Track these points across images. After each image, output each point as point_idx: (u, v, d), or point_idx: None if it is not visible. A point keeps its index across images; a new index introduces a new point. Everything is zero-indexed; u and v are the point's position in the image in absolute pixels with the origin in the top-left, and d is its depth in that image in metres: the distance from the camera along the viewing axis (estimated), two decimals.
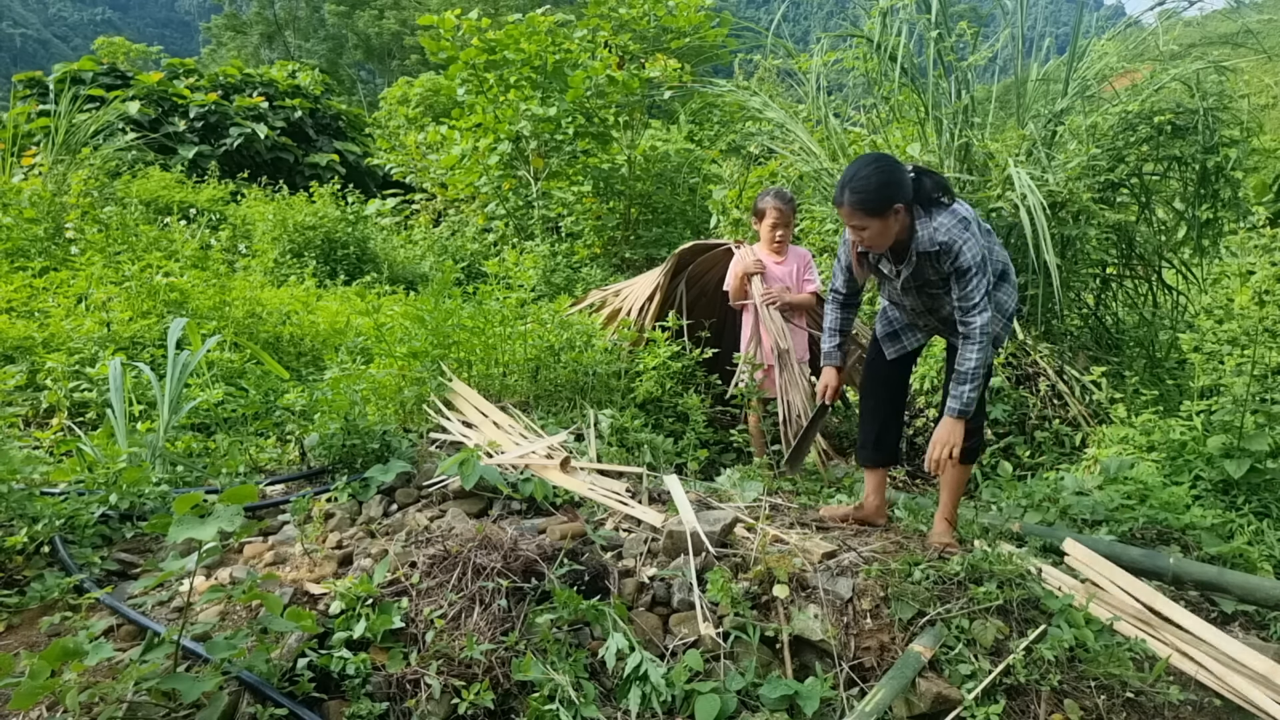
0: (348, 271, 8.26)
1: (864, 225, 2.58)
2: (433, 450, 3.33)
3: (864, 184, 2.53)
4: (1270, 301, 3.76)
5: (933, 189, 2.59)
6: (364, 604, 2.10)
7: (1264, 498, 3.23)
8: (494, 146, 8.93)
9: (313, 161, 13.23)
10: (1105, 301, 5.50)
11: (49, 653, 1.67)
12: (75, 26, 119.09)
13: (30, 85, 12.27)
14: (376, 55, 43.83)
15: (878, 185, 2.52)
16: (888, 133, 5.72)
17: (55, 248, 5.99)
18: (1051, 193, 4.51)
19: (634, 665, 2.01)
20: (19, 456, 2.71)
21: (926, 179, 2.59)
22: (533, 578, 2.21)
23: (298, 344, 5.16)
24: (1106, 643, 2.24)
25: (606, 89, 8.51)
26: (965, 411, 2.62)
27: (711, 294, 4.69)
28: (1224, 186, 4.66)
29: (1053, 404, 4.45)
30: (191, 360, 3.40)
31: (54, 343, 4.17)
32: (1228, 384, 3.48)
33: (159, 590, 2.30)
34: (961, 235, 2.54)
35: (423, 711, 1.91)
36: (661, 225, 9.18)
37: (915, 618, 2.21)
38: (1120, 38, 5.51)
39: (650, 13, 10.28)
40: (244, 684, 1.90)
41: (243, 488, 1.84)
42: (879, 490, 3.01)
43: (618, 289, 5.13)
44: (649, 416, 3.96)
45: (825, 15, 56.74)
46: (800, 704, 1.99)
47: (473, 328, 4.03)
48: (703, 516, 2.49)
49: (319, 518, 2.61)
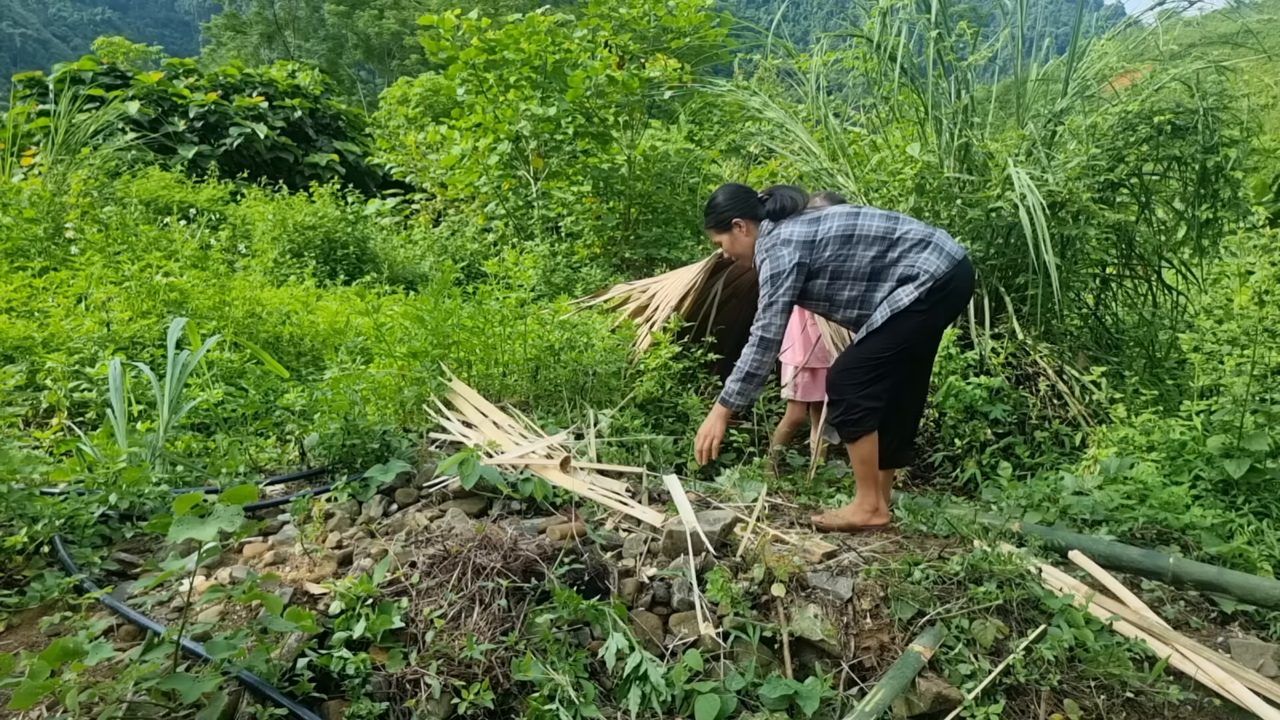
0: (347, 271, 8.26)
1: (717, 240, 3.14)
2: (433, 450, 3.33)
3: (710, 206, 3.10)
4: (1270, 301, 3.76)
5: (774, 204, 2.99)
6: (364, 604, 2.10)
7: (1264, 498, 3.22)
8: (494, 146, 8.93)
9: (312, 161, 13.24)
10: (1105, 301, 5.50)
11: (49, 653, 1.67)
12: (75, 26, 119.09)
13: (30, 85, 12.27)
14: (376, 55, 43.83)
15: (719, 207, 3.06)
16: (887, 132, 5.73)
17: (55, 248, 5.99)
18: (1051, 193, 4.51)
19: (634, 665, 2.01)
20: (19, 456, 2.71)
21: (770, 200, 3.00)
22: (533, 578, 2.21)
23: (297, 344, 5.16)
24: (1106, 643, 2.24)
25: (606, 89, 8.51)
26: (725, 400, 2.91)
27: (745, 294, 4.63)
28: (1224, 186, 4.67)
29: (1053, 404, 4.45)
30: (191, 360, 3.40)
31: (54, 343, 4.17)
32: (1227, 384, 3.48)
33: (159, 590, 2.30)
34: (765, 251, 2.91)
35: (423, 711, 1.91)
36: (661, 225, 9.18)
37: (915, 618, 2.21)
38: (1120, 38, 5.51)
39: (650, 13, 10.28)
40: (244, 684, 1.90)
41: (242, 488, 1.84)
42: (883, 491, 3.04)
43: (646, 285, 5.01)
44: (649, 416, 3.95)
45: (825, 15, 56.78)
46: (800, 704, 1.99)
47: (472, 328, 4.03)
48: (703, 516, 2.49)
49: (319, 518, 2.61)
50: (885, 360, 2.81)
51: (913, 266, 2.78)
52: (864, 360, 2.83)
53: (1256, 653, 2.35)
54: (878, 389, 2.82)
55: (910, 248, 2.80)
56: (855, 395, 2.81)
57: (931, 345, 3.05)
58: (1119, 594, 2.58)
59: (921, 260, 2.77)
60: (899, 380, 2.91)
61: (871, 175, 5.54)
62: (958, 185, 4.99)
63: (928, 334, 2.90)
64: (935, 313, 2.81)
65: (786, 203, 2.99)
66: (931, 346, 3.06)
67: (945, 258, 2.77)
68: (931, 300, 2.76)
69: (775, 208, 2.99)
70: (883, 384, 2.83)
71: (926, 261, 2.77)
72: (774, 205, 2.99)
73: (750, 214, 3.03)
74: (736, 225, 3.03)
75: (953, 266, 2.76)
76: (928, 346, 3.00)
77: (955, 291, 2.81)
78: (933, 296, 2.76)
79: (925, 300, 2.75)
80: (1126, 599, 2.55)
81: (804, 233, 2.88)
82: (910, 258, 2.79)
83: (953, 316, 2.99)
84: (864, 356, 2.83)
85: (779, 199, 3.00)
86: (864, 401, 2.81)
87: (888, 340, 2.80)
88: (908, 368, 2.93)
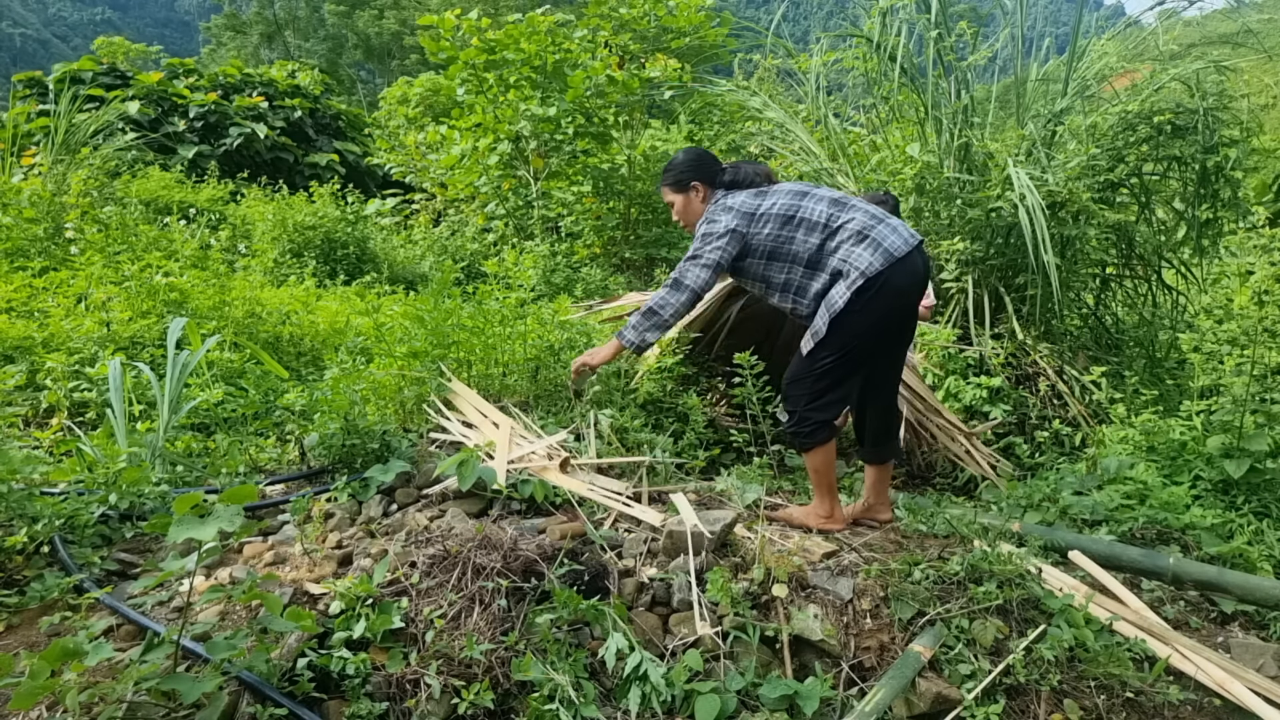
0: (347, 271, 8.26)
1: (670, 201, 3.09)
2: (433, 450, 3.33)
3: (670, 165, 3.06)
4: (1270, 301, 3.76)
5: (733, 175, 2.97)
6: (364, 604, 2.10)
7: (1264, 498, 3.22)
8: (494, 146, 8.94)
9: (312, 161, 13.24)
10: (1105, 301, 5.50)
11: (49, 653, 1.67)
12: (75, 26, 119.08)
13: (30, 85, 12.28)
14: (376, 55, 43.84)
15: (678, 165, 3.02)
16: (887, 132, 5.73)
17: (55, 248, 5.99)
18: (1051, 193, 4.51)
19: (634, 665, 2.01)
20: (19, 456, 2.71)
21: (729, 171, 2.99)
22: (532, 578, 2.21)
23: (297, 344, 5.15)
24: (1106, 643, 2.24)
25: (606, 89, 8.51)
26: (621, 334, 2.94)
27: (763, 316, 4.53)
28: (1224, 186, 4.67)
29: (1053, 404, 4.46)
30: (191, 360, 3.40)
31: (54, 343, 4.17)
32: (1227, 384, 3.48)
33: (159, 590, 2.30)
34: (707, 213, 2.91)
35: (422, 711, 1.91)
36: (661, 225, 9.19)
37: (915, 618, 2.21)
38: (1120, 38, 5.51)
39: (650, 13, 10.29)
40: (244, 684, 1.90)
41: (242, 488, 1.84)
42: (880, 490, 3.03)
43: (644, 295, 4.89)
44: (649, 417, 3.95)
45: (825, 15, 56.76)
46: (800, 704, 1.99)
47: (472, 328, 4.03)
48: (703, 516, 2.49)
49: (319, 518, 2.61)
50: (830, 368, 2.69)
51: (845, 261, 2.63)
52: (810, 370, 2.72)
53: (1256, 653, 2.35)
54: (829, 399, 2.71)
55: (847, 239, 2.65)
56: (805, 407, 2.72)
57: (885, 343, 2.80)
58: (1119, 594, 2.58)
59: (855, 256, 2.62)
60: (860, 382, 2.83)
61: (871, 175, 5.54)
62: (957, 185, 4.99)
63: (873, 335, 2.70)
64: (872, 313, 2.62)
65: (743, 177, 2.95)
66: (885, 344, 2.80)
67: (881, 254, 2.58)
68: (863, 300, 2.59)
69: (733, 178, 2.96)
70: (835, 393, 2.72)
71: (859, 258, 2.60)
72: (732, 176, 2.96)
73: (708, 180, 2.98)
74: (694, 189, 2.99)
75: (888, 264, 2.57)
76: (879, 345, 2.77)
77: (893, 291, 2.61)
78: (862, 297, 2.59)
79: (856, 301, 2.59)
80: (1126, 599, 2.56)
81: (748, 204, 2.83)
82: (845, 250, 2.65)
83: (900, 315, 2.77)
84: (810, 367, 2.72)
85: (738, 170, 2.97)
86: (815, 414, 2.71)
87: (830, 347, 2.67)
88: (866, 368, 2.79)
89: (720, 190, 2.97)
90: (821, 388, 2.71)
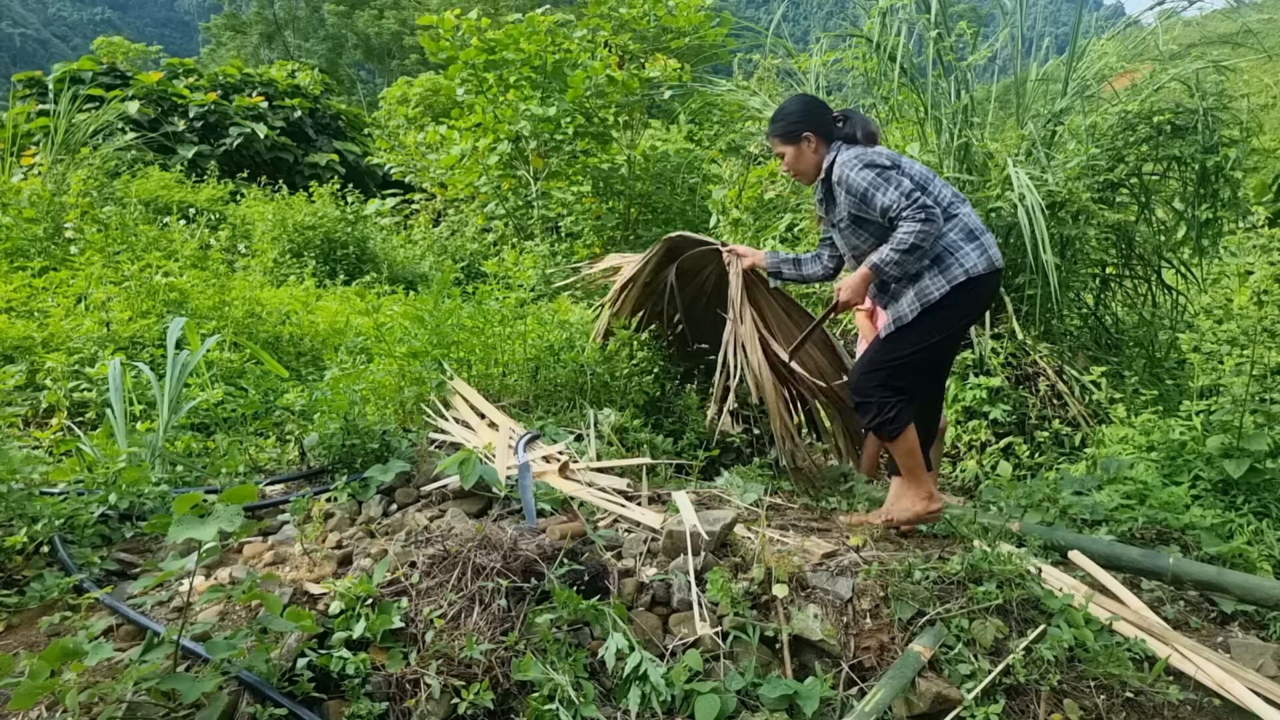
0: (347, 271, 8.26)
1: (781, 152, 2.89)
2: (432, 450, 3.33)
3: (781, 114, 2.87)
4: (1269, 301, 3.76)
5: (849, 129, 2.81)
6: (364, 604, 2.10)
7: (1263, 498, 3.23)
8: (494, 146, 8.94)
9: (312, 161, 13.23)
10: (1105, 301, 5.51)
11: (48, 653, 1.67)
12: (75, 26, 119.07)
13: (30, 85, 12.27)
14: (376, 55, 43.83)
15: (791, 114, 2.84)
16: (887, 132, 5.73)
17: (55, 247, 5.99)
18: (1051, 193, 4.52)
19: (634, 665, 2.01)
20: (19, 456, 2.71)
21: (846, 122, 2.82)
22: (532, 578, 2.21)
23: (297, 344, 5.15)
24: (1106, 643, 2.24)
25: (606, 89, 8.52)
26: (876, 265, 2.67)
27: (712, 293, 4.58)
28: (1224, 186, 4.67)
29: (1052, 404, 4.46)
30: (191, 360, 3.40)
31: (54, 343, 4.17)
32: (1227, 384, 3.48)
33: (159, 590, 2.30)
34: (851, 165, 2.68)
35: (422, 711, 1.91)
36: (661, 225, 9.19)
37: (915, 617, 2.21)
38: (1120, 38, 5.51)
39: (650, 13, 10.30)
40: (244, 684, 1.90)
41: (242, 488, 1.84)
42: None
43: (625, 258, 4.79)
44: (649, 417, 3.95)
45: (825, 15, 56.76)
46: (800, 704, 1.99)
47: (472, 327, 4.03)
48: (703, 516, 2.49)
49: (319, 518, 2.61)
50: (910, 360, 2.74)
51: (950, 253, 2.66)
52: (889, 360, 2.76)
53: (1256, 653, 2.35)
54: (899, 384, 2.76)
55: (959, 231, 2.69)
56: (881, 395, 2.74)
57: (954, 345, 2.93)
58: (1119, 594, 2.58)
59: (962, 252, 2.66)
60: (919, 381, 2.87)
61: None
62: (957, 185, 4.99)
63: (953, 334, 2.80)
64: (960, 312, 2.70)
65: (860, 131, 2.80)
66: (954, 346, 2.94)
67: (986, 259, 2.66)
68: (958, 298, 2.65)
69: (850, 132, 2.80)
70: (904, 379, 2.77)
71: (966, 255, 2.65)
72: (850, 129, 2.81)
73: (823, 131, 2.81)
74: (806, 139, 2.80)
75: (989, 270, 2.66)
76: (952, 346, 2.91)
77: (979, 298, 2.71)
78: (958, 294, 2.64)
79: (953, 297, 2.64)
80: (1126, 599, 2.56)
81: (891, 156, 2.72)
82: (951, 241, 2.67)
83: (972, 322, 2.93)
84: (890, 356, 2.75)
85: (856, 124, 2.82)
86: (892, 397, 2.73)
87: (914, 336, 2.71)
88: (930, 371, 2.87)
89: (838, 143, 2.81)
90: (897, 381, 2.75)
